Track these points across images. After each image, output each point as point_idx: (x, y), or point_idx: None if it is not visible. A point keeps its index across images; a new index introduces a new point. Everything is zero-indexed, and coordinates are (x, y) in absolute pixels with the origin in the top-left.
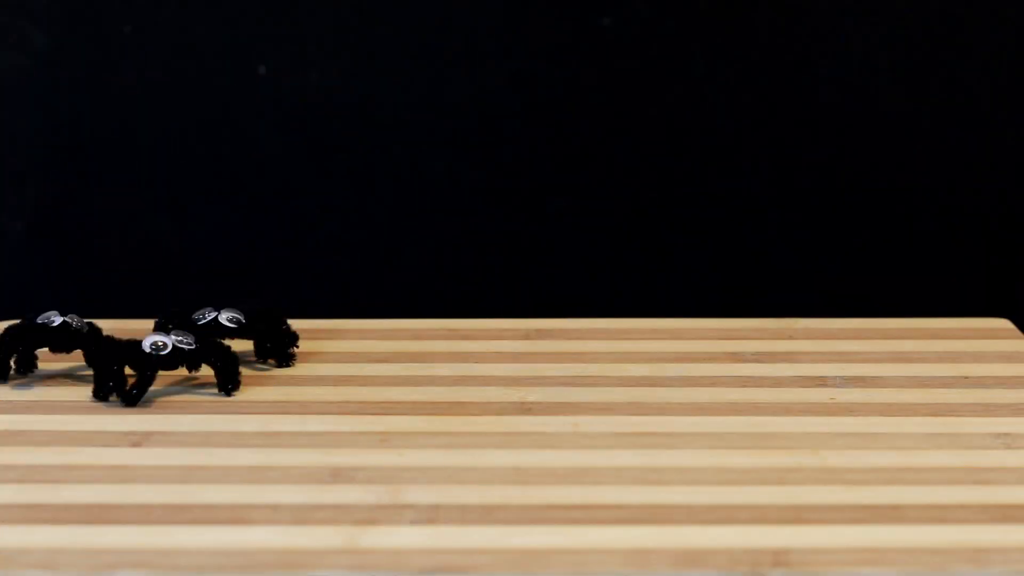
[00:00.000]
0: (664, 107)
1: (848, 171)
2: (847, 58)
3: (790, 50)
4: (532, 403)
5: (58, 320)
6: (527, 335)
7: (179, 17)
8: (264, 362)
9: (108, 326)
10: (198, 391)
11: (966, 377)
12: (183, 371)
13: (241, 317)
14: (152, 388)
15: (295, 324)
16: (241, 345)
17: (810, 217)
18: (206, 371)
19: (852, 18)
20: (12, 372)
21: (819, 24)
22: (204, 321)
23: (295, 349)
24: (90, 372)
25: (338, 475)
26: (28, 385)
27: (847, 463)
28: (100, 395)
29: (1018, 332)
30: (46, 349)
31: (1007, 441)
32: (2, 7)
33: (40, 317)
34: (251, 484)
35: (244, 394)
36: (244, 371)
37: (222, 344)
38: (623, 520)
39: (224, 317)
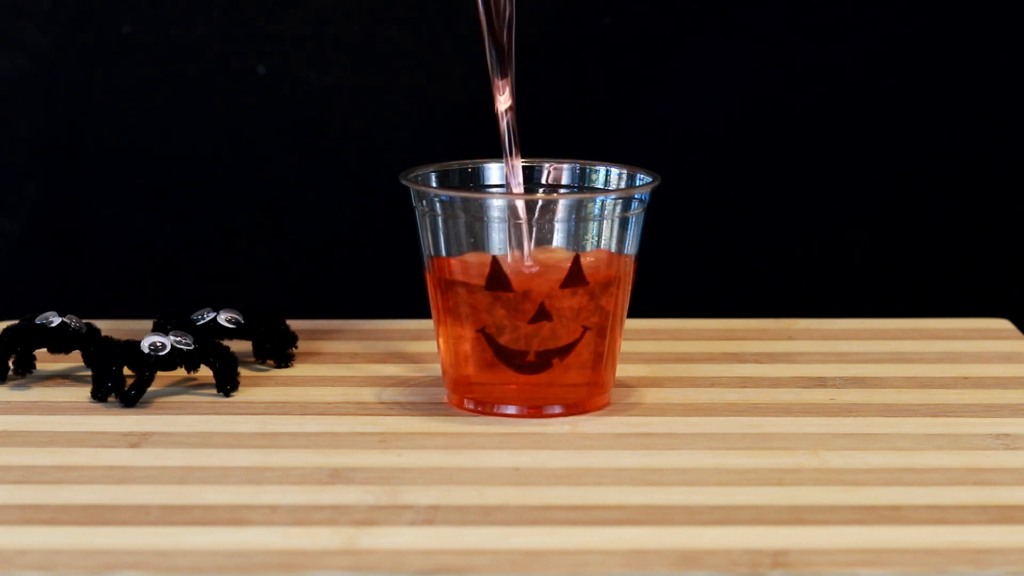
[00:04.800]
0: (663, 106)
1: (848, 171)
2: (847, 57)
3: (790, 48)
4: None
5: (56, 320)
6: None
7: (179, 17)
8: (263, 362)
9: (106, 326)
10: (196, 392)
11: (966, 377)
12: (181, 371)
13: (240, 317)
14: (150, 389)
15: (294, 324)
16: (240, 345)
17: (810, 217)
18: (204, 372)
19: (853, 16)
20: (10, 372)
21: (820, 22)
22: (203, 321)
23: (294, 349)
24: (88, 372)
25: (337, 476)
26: (26, 385)
27: (846, 463)
28: (98, 395)
29: (1018, 332)
30: (44, 349)
31: (1007, 441)
32: (2, 7)
33: (38, 317)
34: (249, 485)
35: (243, 395)
36: (243, 372)
37: (221, 344)
38: (622, 521)
39: (223, 317)
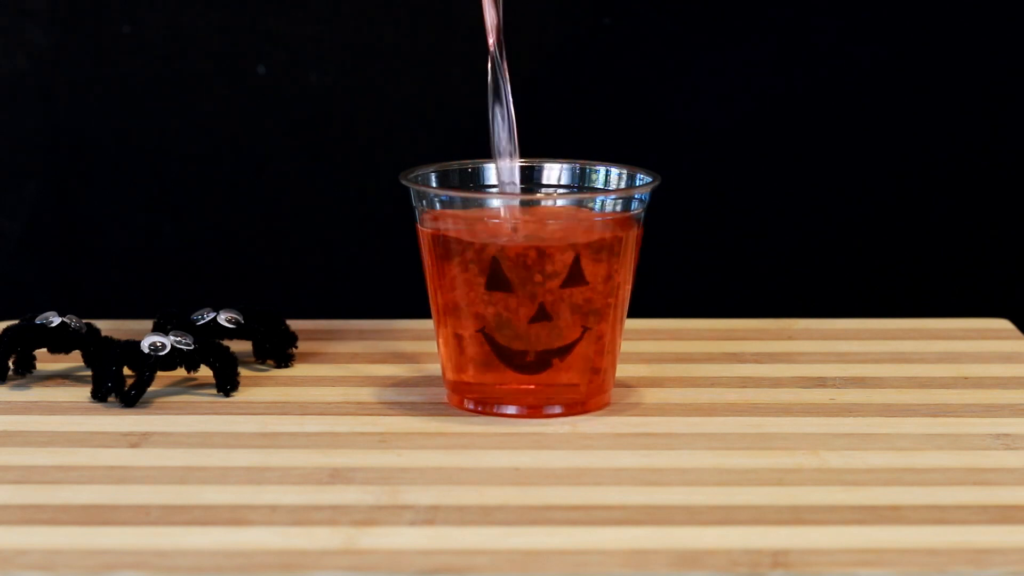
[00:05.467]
0: (662, 106)
1: (848, 171)
2: (846, 57)
3: (790, 48)
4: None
5: (56, 320)
6: None
7: (179, 17)
8: (263, 363)
9: (106, 326)
10: (196, 392)
11: (966, 377)
12: (181, 371)
13: (240, 317)
14: (150, 389)
15: (294, 324)
16: (240, 346)
17: (810, 217)
18: (204, 372)
19: (854, 17)
20: (10, 372)
21: (820, 22)
22: (203, 321)
23: (294, 350)
24: (88, 372)
25: (337, 476)
26: (26, 386)
27: (846, 463)
28: (98, 395)
29: (1018, 332)
30: (44, 349)
31: (1007, 441)
32: (2, 7)
33: (39, 317)
34: (249, 485)
35: (243, 395)
36: (243, 372)
37: (221, 344)
38: (622, 521)
39: (223, 317)
